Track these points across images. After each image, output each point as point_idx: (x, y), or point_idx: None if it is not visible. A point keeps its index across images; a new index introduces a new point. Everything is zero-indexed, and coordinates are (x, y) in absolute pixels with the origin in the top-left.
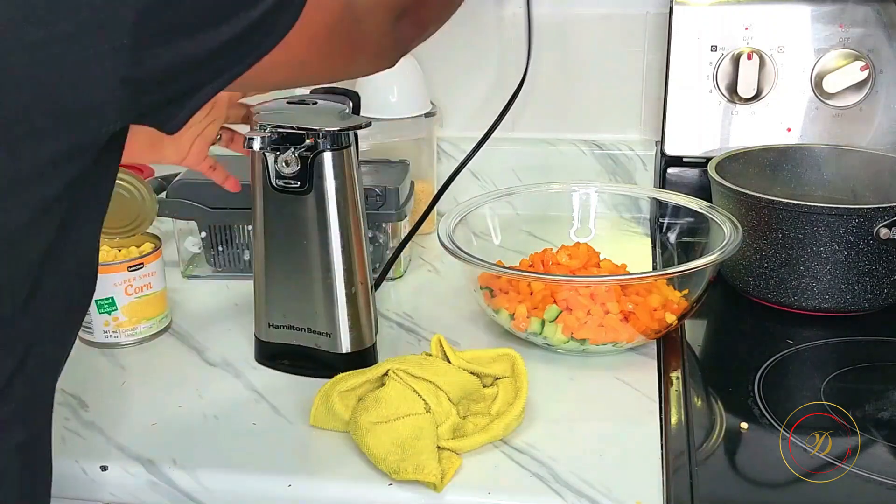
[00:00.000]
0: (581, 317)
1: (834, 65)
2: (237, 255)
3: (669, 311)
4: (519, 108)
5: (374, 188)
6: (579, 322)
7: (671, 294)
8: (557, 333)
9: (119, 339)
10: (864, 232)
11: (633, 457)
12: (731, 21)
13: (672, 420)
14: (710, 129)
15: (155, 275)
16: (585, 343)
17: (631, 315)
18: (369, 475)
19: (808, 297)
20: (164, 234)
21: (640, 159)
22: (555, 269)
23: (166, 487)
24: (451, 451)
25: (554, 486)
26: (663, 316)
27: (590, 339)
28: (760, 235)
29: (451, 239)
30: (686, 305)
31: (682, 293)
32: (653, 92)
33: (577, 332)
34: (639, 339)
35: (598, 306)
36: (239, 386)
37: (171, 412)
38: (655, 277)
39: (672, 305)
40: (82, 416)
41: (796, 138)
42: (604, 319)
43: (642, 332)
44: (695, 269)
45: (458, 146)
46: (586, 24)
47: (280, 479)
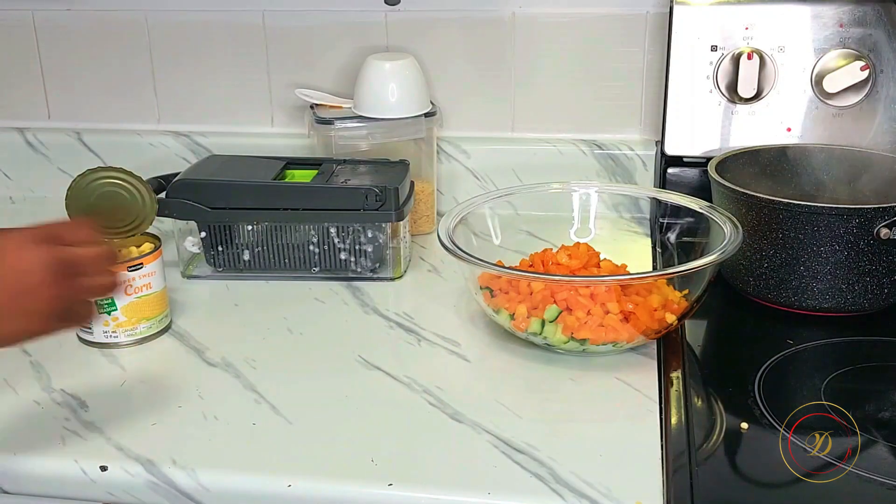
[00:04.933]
0: (581, 317)
1: (834, 65)
2: (237, 255)
3: (669, 312)
4: (519, 108)
5: (373, 188)
6: (579, 322)
7: (671, 294)
8: (557, 333)
9: (119, 339)
10: (864, 232)
11: (633, 457)
12: (731, 21)
13: (672, 420)
14: (710, 129)
15: (155, 275)
16: (586, 343)
17: (631, 315)
18: (369, 475)
19: (808, 297)
20: (164, 234)
21: (640, 159)
22: (555, 269)
23: (166, 487)
24: None
25: (554, 486)
26: (663, 316)
27: (590, 339)
28: (760, 235)
29: (451, 239)
30: (686, 305)
31: (682, 293)
32: (653, 92)
33: (577, 332)
34: (639, 339)
35: (598, 306)
36: (239, 386)
37: (171, 412)
38: (656, 277)
39: (672, 305)
40: (82, 416)
41: (796, 138)
42: (604, 319)
43: (642, 332)
44: (695, 270)
45: (458, 146)
46: (586, 24)
47: (280, 479)
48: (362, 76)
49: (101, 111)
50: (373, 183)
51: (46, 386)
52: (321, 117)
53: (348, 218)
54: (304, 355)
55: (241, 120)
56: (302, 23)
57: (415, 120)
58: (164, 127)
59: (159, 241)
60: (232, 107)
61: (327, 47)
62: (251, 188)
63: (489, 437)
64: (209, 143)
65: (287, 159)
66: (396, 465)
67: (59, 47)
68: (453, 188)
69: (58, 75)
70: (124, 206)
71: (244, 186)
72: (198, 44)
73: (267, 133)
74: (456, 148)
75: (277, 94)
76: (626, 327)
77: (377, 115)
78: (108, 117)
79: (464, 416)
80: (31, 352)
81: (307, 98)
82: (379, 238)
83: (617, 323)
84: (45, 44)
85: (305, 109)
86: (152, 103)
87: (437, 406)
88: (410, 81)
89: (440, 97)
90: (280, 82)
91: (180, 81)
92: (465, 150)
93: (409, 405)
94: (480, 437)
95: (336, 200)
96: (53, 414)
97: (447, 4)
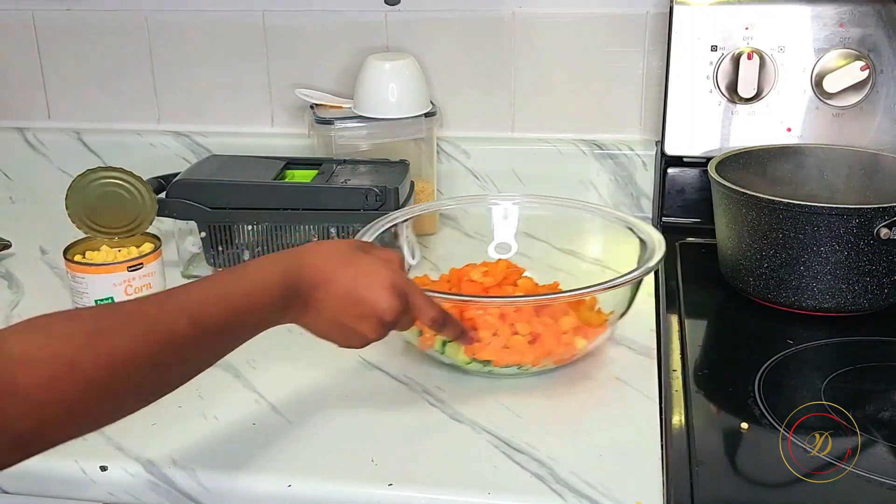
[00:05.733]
0: (485, 337)
1: (834, 65)
2: (237, 255)
3: (582, 336)
4: (519, 108)
5: (373, 188)
6: (482, 343)
7: (593, 317)
8: (459, 353)
9: None
10: (864, 232)
11: (633, 457)
12: (731, 21)
13: (672, 420)
14: (710, 129)
15: (155, 275)
16: (489, 365)
17: (538, 338)
18: (369, 475)
19: (808, 297)
20: (164, 234)
21: (640, 159)
22: (467, 287)
23: (166, 487)
24: None
25: (554, 486)
26: (573, 341)
27: (493, 360)
28: (760, 235)
29: None
30: (605, 330)
31: (607, 314)
32: (653, 92)
33: (478, 353)
34: (545, 363)
35: (506, 327)
36: (239, 386)
37: (171, 412)
38: (535, 301)
39: (588, 329)
40: None
41: (796, 138)
42: (509, 341)
43: (548, 356)
44: (603, 289)
45: (458, 146)
46: (586, 24)
47: (280, 479)
48: (362, 76)
49: (101, 111)
50: (373, 183)
51: None
52: (321, 117)
53: (348, 218)
54: (304, 355)
55: (241, 120)
56: (302, 23)
57: (415, 120)
58: (164, 127)
59: (159, 241)
60: (232, 107)
61: (327, 47)
62: (251, 188)
63: (489, 437)
64: (209, 143)
65: (287, 159)
66: (396, 465)
67: (59, 47)
68: (453, 188)
69: (58, 75)
70: (124, 206)
71: (244, 186)
72: (198, 44)
73: (267, 133)
74: (456, 148)
75: (277, 94)
76: (532, 350)
77: (377, 115)
78: (108, 117)
79: (464, 416)
80: None
81: (307, 98)
82: None
83: (523, 346)
84: (45, 44)
85: (305, 109)
86: (152, 103)
87: (436, 406)
88: (410, 81)
89: (440, 97)
90: (280, 82)
91: (180, 81)
92: (465, 150)
93: (409, 405)
94: (480, 437)
95: (336, 200)
96: None
97: (447, 4)
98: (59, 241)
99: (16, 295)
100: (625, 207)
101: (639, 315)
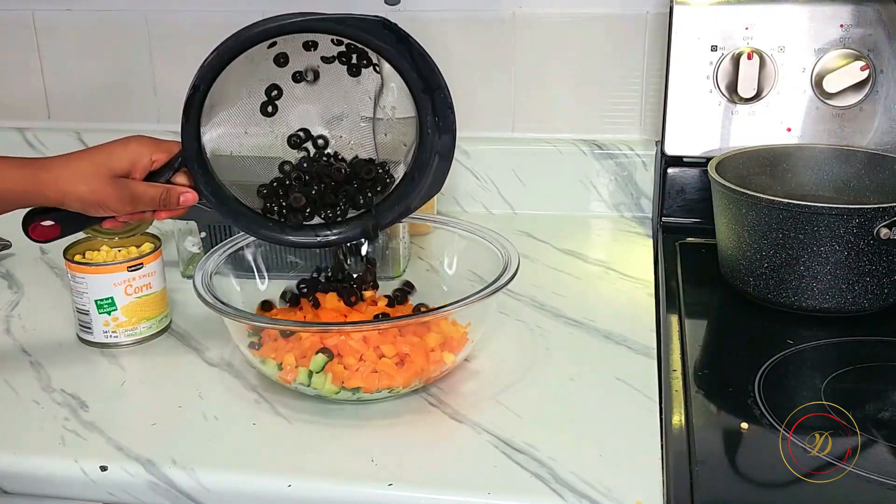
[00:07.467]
0: (352, 364)
1: (834, 65)
2: None
3: (448, 351)
4: (519, 108)
5: None
6: (349, 370)
7: (453, 331)
8: (327, 384)
9: (119, 339)
10: (864, 232)
11: (633, 457)
12: (731, 21)
13: (672, 420)
14: (710, 129)
15: (155, 275)
16: (359, 392)
17: (406, 357)
18: (369, 475)
19: (808, 297)
20: (164, 234)
21: (640, 159)
22: (323, 312)
23: (166, 487)
24: None
25: (554, 486)
26: (441, 357)
27: (363, 387)
28: (760, 235)
29: (210, 288)
30: (468, 340)
31: (465, 327)
32: (653, 92)
33: (347, 381)
34: (416, 383)
35: (371, 350)
36: (239, 386)
37: (171, 412)
38: (398, 323)
39: (452, 343)
40: (82, 416)
41: (796, 138)
42: (377, 365)
43: (418, 376)
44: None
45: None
46: (586, 24)
47: (280, 479)
48: None
49: (101, 111)
50: None
51: (46, 386)
52: None
53: None
54: None
55: None
56: None
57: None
58: (164, 127)
59: (159, 241)
60: None
61: None
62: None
63: (489, 437)
64: None
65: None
66: (396, 465)
67: (59, 47)
68: (453, 188)
69: (58, 75)
70: None
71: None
72: (198, 44)
73: None
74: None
75: None
76: (401, 372)
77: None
78: (108, 117)
79: (464, 416)
80: (30, 352)
81: None
82: (378, 238)
83: (391, 368)
84: (45, 44)
85: None
86: (152, 103)
87: (436, 406)
88: None
89: None
90: None
91: (180, 81)
92: (465, 150)
93: (409, 405)
94: (480, 437)
95: None
96: (53, 414)
97: (447, 4)
98: (59, 241)
99: (16, 295)
100: (625, 207)
101: (639, 315)
